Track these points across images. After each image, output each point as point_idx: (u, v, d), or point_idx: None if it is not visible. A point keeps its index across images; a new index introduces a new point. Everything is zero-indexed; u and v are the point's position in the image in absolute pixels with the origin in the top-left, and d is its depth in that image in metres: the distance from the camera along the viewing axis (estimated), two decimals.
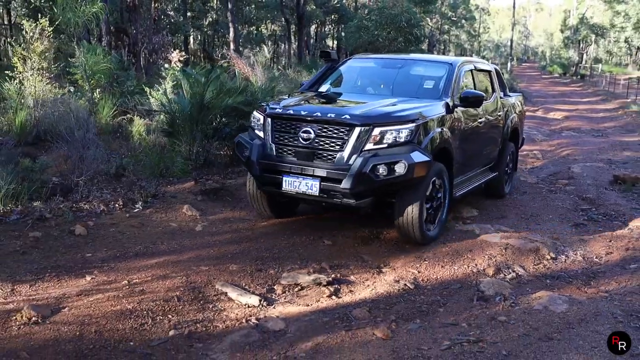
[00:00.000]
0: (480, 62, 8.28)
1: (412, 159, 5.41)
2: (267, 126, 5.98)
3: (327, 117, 5.64)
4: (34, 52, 9.60)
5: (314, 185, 5.58)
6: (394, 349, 3.89)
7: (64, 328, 4.03)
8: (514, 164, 8.98)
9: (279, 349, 3.93)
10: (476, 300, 4.77)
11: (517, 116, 8.85)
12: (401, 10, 18.63)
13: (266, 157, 5.88)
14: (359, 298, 4.75)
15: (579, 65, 54.39)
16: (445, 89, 6.61)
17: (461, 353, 3.80)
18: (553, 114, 23.09)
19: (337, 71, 7.69)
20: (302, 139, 5.70)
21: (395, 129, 5.56)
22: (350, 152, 5.50)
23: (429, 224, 6.04)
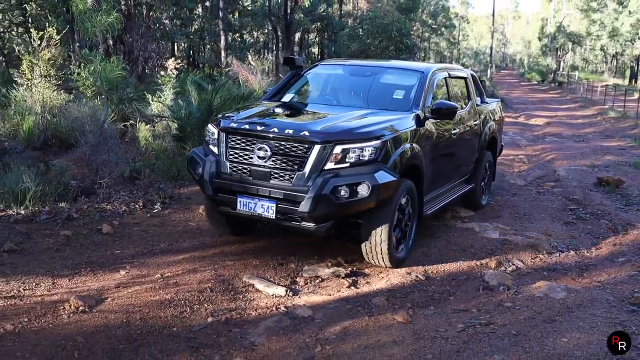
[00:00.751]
0: (454, 69, 7.84)
1: (377, 180, 5.00)
2: (222, 142, 5.52)
3: (285, 133, 5.17)
4: (42, 60, 9.90)
5: (270, 208, 5.19)
6: (414, 331, 4.31)
7: (111, 316, 4.39)
8: (491, 174, 8.73)
9: (310, 332, 4.33)
10: (482, 290, 5.21)
11: (495, 124, 8.54)
12: (392, 20, 19.19)
13: (220, 175, 5.45)
14: (376, 288, 5.16)
15: (557, 72, 55.51)
16: (416, 99, 6.18)
17: (475, 334, 4.23)
18: (534, 120, 23.75)
19: (303, 79, 7.19)
20: (257, 156, 5.26)
21: (359, 147, 5.11)
22: (310, 172, 5.07)
23: (398, 244, 5.65)
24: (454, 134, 6.76)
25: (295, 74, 7.11)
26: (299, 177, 5.11)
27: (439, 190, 6.81)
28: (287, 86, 6.99)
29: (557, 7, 62.31)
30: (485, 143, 8.00)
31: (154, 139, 9.99)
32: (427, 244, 6.32)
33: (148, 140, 9.87)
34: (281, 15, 25.97)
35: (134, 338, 4.12)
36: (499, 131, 8.93)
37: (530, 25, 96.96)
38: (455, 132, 6.77)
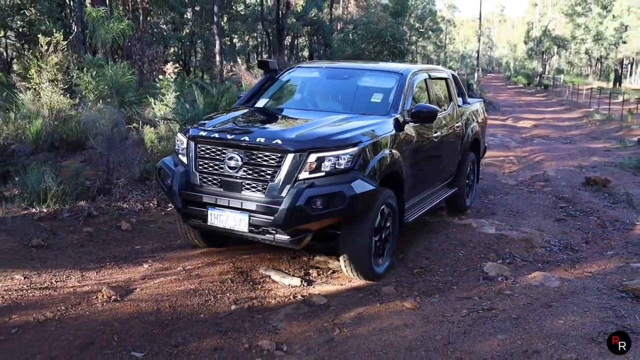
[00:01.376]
0: (434, 70, 7.54)
1: (354, 190, 4.79)
2: (191, 151, 5.30)
3: (256, 142, 4.95)
4: (49, 64, 10.19)
5: (243, 220, 4.96)
6: (423, 315, 4.69)
7: (142, 304, 4.73)
8: (475, 175, 8.67)
9: (327, 317, 4.70)
10: (482, 280, 5.60)
11: (477, 125, 8.44)
12: (386, 25, 19.68)
13: (189, 187, 5.23)
14: (384, 279, 5.53)
15: (543, 75, 56.32)
16: (394, 103, 5.97)
17: (479, 318, 4.62)
18: (522, 123, 24.28)
19: (278, 82, 6.94)
20: (228, 166, 5.05)
21: (334, 155, 4.88)
22: (283, 182, 4.85)
23: (378, 257, 5.45)
24: (436, 137, 6.61)
25: (269, 78, 6.89)
26: (272, 188, 4.88)
27: (421, 195, 6.67)
28: (261, 91, 6.80)
29: (542, 11, 63.23)
30: (468, 145, 7.91)
31: (159, 141, 10.31)
32: (428, 239, 6.70)
33: (154, 143, 10.18)
34: (273, 19, 26.35)
35: (166, 323, 4.46)
36: (482, 132, 8.85)
37: (516, 29, 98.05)
38: (436, 136, 6.62)
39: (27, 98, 10.77)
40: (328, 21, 32.37)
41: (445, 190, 7.50)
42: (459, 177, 7.77)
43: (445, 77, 7.63)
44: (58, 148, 10.27)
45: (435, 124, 6.57)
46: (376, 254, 5.39)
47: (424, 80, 6.76)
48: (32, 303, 4.69)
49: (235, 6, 24.48)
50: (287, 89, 6.99)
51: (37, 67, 10.16)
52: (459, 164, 7.73)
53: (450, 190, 7.55)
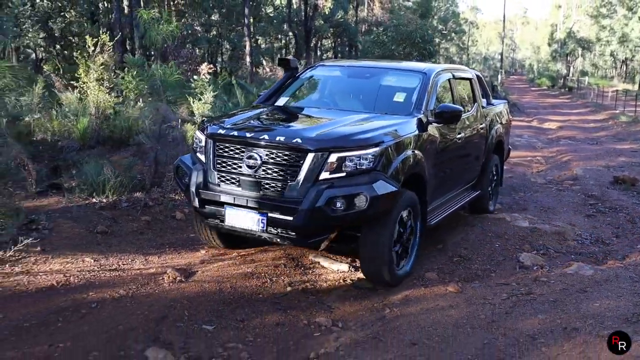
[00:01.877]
0: (459, 70, 7.37)
1: (375, 191, 4.68)
2: (209, 149, 5.19)
3: (276, 140, 4.84)
4: (96, 64, 10.68)
5: (261, 221, 4.85)
6: (465, 298, 5.04)
7: (205, 285, 5.14)
8: (499, 178, 8.49)
9: (376, 299, 5.07)
10: (519, 269, 5.92)
11: (502, 126, 8.28)
12: (416, 27, 20.02)
13: (207, 186, 5.14)
14: (426, 266, 5.88)
15: (567, 78, 56.12)
16: (418, 102, 5.84)
17: (518, 301, 4.95)
18: (548, 124, 24.42)
19: (299, 81, 6.82)
20: (247, 165, 4.93)
21: (356, 155, 4.76)
22: (303, 183, 4.73)
23: (400, 260, 5.35)
24: (459, 139, 6.48)
25: (290, 76, 6.79)
26: (292, 188, 4.76)
27: (444, 197, 6.56)
28: (281, 89, 6.68)
29: (566, 13, 62.99)
30: (492, 147, 7.75)
31: None
32: (464, 231, 7.03)
33: None
34: (300, 21, 26.78)
35: (229, 302, 4.87)
36: (506, 134, 8.68)
37: (539, 31, 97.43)
38: (460, 137, 6.49)
39: (74, 97, 11.27)
40: (353, 23, 32.74)
41: (469, 193, 7.36)
42: (483, 180, 7.64)
43: (470, 77, 7.48)
44: (103, 144, 10.75)
45: (459, 125, 6.43)
46: (397, 257, 5.25)
47: (447, 80, 6.63)
48: (105, 282, 5.13)
49: (264, 8, 25.00)
50: (307, 88, 6.90)
51: (85, 67, 10.64)
52: (482, 165, 7.59)
53: (474, 193, 7.42)
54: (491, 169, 7.88)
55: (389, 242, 5.02)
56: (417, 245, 5.64)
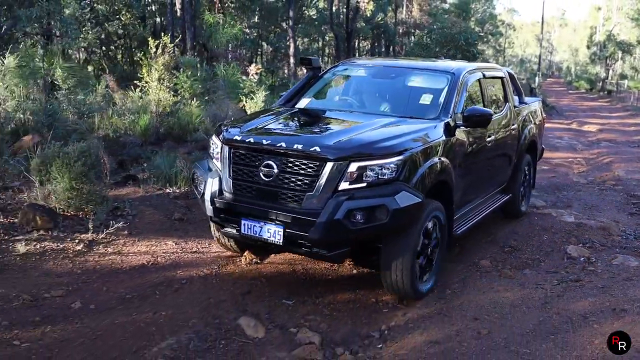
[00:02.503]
0: (489, 68, 7.06)
1: (398, 203, 4.43)
2: (225, 156, 4.98)
3: (294, 148, 4.60)
4: (158, 64, 11.33)
5: (278, 233, 4.62)
6: (519, 283, 5.47)
7: (280, 266, 5.69)
8: (531, 180, 8.26)
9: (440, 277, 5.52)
10: (566, 259, 6.31)
11: (535, 126, 8.01)
12: (460, 30, 20.40)
13: (222, 194, 4.94)
14: (479, 255, 6.31)
15: (606, 81, 55.54)
16: (445, 105, 5.58)
17: (568, 287, 5.36)
18: (587, 127, 24.45)
19: (322, 81, 6.61)
20: (263, 174, 4.70)
21: (377, 164, 4.53)
22: (321, 193, 4.50)
23: (422, 273, 5.10)
24: (489, 142, 6.23)
25: (312, 76, 6.58)
26: (309, 199, 4.53)
27: (472, 204, 6.34)
28: (303, 90, 6.48)
29: (606, 15, 62.24)
30: (524, 147, 7.53)
31: None
32: (513, 225, 7.44)
33: None
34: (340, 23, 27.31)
35: (303, 281, 5.42)
36: (539, 134, 8.42)
37: (578, 33, 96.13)
38: (490, 140, 6.24)
39: (136, 95, 11.96)
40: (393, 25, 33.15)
41: (499, 197, 7.14)
42: (514, 182, 7.39)
43: (501, 75, 7.18)
44: (163, 140, 11.39)
45: (490, 128, 6.12)
46: (420, 270, 5.04)
47: (477, 80, 6.35)
48: (189, 263, 5.70)
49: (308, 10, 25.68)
50: (330, 89, 6.70)
51: (147, 67, 11.30)
52: (514, 167, 7.35)
53: (504, 197, 7.20)
54: (523, 171, 7.63)
55: (411, 254, 4.79)
56: (443, 256, 5.41)
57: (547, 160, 13.68)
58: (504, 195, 7.22)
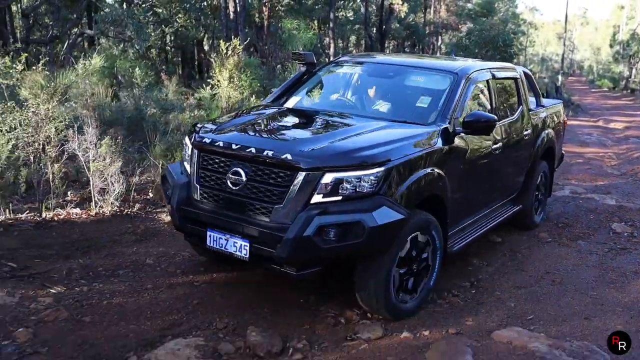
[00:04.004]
0: (501, 68, 6.45)
1: (375, 220, 3.98)
2: (194, 160, 4.57)
3: (263, 155, 4.15)
4: (230, 64, 12.53)
5: (244, 247, 4.18)
6: (576, 250, 6.58)
7: None
8: (547, 188, 7.73)
9: (505, 248, 6.62)
10: (612, 234, 7.38)
11: (553, 130, 7.50)
12: (498, 32, 21.47)
13: (189, 202, 4.53)
14: (538, 230, 7.40)
15: (629, 79, 56.06)
16: (444, 109, 5.08)
17: (617, 253, 6.46)
18: (613, 125, 25.31)
19: (315, 78, 6.17)
20: (230, 182, 4.29)
21: (355, 176, 4.05)
22: (291, 206, 4.03)
23: (406, 294, 4.62)
24: (496, 149, 5.73)
25: (305, 73, 6.16)
26: (278, 212, 4.08)
27: (474, 217, 5.83)
28: (294, 87, 6.05)
29: (629, 14, 62.67)
30: (539, 153, 7.04)
31: None
32: (561, 207, 8.52)
33: None
34: (374, 23, 28.45)
35: None
36: (558, 138, 7.85)
37: (600, 31, 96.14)
38: (497, 147, 5.73)
39: (206, 92, 13.19)
40: (422, 25, 34.24)
41: (508, 208, 6.68)
42: (526, 192, 6.91)
43: (515, 76, 6.68)
44: None
45: (496, 134, 5.66)
46: (402, 290, 4.58)
47: (485, 82, 5.88)
48: None
49: (345, 12, 26.90)
50: (323, 87, 6.29)
51: (219, 67, 12.51)
52: (526, 175, 6.88)
53: (514, 208, 6.73)
54: (537, 179, 7.11)
55: (387, 273, 4.34)
56: (435, 275, 4.85)
57: (581, 154, 14.78)
58: (513, 207, 6.73)
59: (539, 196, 7.37)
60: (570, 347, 3.95)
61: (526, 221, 7.16)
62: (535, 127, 6.93)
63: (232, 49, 12.59)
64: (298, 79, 6.16)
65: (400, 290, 4.53)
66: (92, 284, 4.98)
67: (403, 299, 4.59)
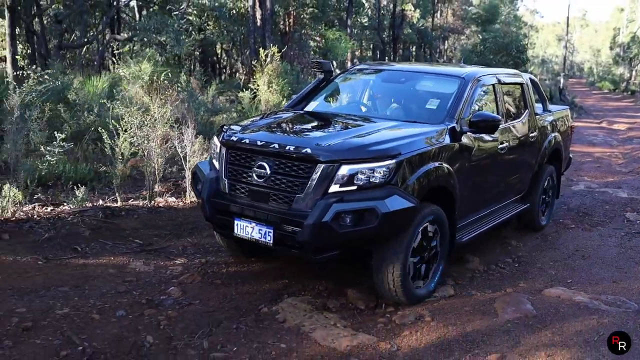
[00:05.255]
0: (507, 74, 6.98)
1: (387, 207, 4.41)
2: (222, 156, 5.08)
3: (286, 150, 4.63)
4: (269, 70, 13.63)
5: (268, 234, 4.66)
6: (598, 234, 7.69)
7: None
8: (555, 190, 8.07)
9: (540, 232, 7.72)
10: (626, 222, 8.47)
11: (560, 134, 7.87)
12: (511, 40, 22.68)
13: (218, 195, 5.02)
14: (560, 218, 8.50)
15: (630, 81, 57.27)
16: (451, 110, 5.54)
17: (632, 236, 7.57)
18: (617, 126, 26.43)
19: (332, 84, 6.65)
20: (256, 175, 4.78)
21: (369, 167, 4.50)
22: (311, 195, 4.51)
23: (419, 280, 5.08)
24: (502, 149, 6.15)
25: (323, 80, 6.62)
26: (299, 201, 4.56)
27: (482, 212, 6.24)
28: (312, 93, 6.52)
29: (629, 17, 63.90)
30: (545, 157, 7.39)
31: None
32: (579, 199, 9.64)
33: None
34: (386, 28, 29.59)
35: None
36: (565, 143, 8.21)
37: (599, 34, 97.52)
38: (503, 147, 6.16)
39: (246, 96, 14.28)
40: (430, 30, 35.45)
41: (515, 206, 7.06)
42: (533, 193, 7.28)
43: (520, 82, 7.13)
44: None
45: (502, 135, 6.14)
46: (416, 277, 5.03)
47: (492, 86, 6.31)
48: None
49: (360, 18, 28.05)
50: (340, 92, 6.76)
51: (260, 73, 13.62)
52: (533, 177, 7.24)
53: (521, 206, 7.12)
54: (544, 181, 7.45)
55: (403, 259, 4.75)
56: (443, 263, 5.36)
57: (590, 154, 15.94)
58: (520, 205, 7.13)
59: (546, 199, 7.72)
60: (606, 299, 5.07)
61: (533, 222, 7.55)
62: (542, 130, 7.33)
63: (270, 56, 13.73)
64: (316, 86, 6.63)
65: (414, 278, 5.00)
66: (206, 257, 6.08)
67: (417, 284, 5.08)
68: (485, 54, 23.55)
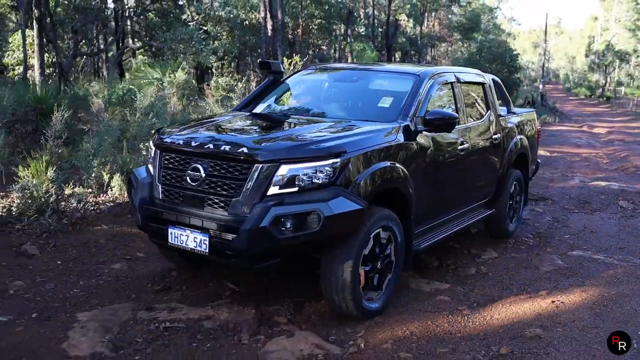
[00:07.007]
0: (466, 73, 6.72)
1: (331, 209, 4.07)
2: (156, 160, 4.74)
3: (221, 150, 4.34)
4: None
5: (203, 242, 4.30)
6: (598, 217, 9.15)
7: None
8: (523, 195, 7.83)
9: (550, 214, 9.23)
10: (620, 208, 9.98)
11: (526, 138, 7.61)
12: (505, 49, 24.43)
13: (151, 201, 4.67)
14: (564, 204, 10.02)
15: (605, 88, 59.73)
16: (405, 108, 5.22)
17: (627, 218, 9.06)
18: (597, 130, 28.29)
19: (283, 86, 6.39)
20: (190, 178, 4.44)
21: (311, 167, 4.17)
22: (248, 198, 4.17)
23: (372, 291, 4.70)
24: (462, 150, 5.85)
25: (272, 81, 6.33)
26: (236, 205, 4.20)
27: (443, 217, 5.92)
28: (261, 95, 6.24)
29: (604, 25, 66.53)
30: (510, 160, 7.12)
31: None
32: (578, 191, 11.11)
33: None
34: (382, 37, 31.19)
35: None
36: (531, 146, 7.94)
37: (574, 41, 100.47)
38: (463, 148, 5.86)
39: None
40: (419, 38, 37.21)
41: (480, 211, 6.79)
42: (499, 197, 7.01)
43: (482, 82, 6.89)
44: None
45: (461, 134, 5.89)
46: (367, 287, 4.64)
47: (450, 84, 6.04)
48: None
49: (357, 27, 29.56)
50: (290, 93, 6.50)
51: None
52: (499, 181, 6.97)
53: (487, 211, 6.86)
54: (510, 186, 7.19)
55: (354, 268, 4.37)
56: (397, 273, 4.95)
57: (577, 154, 17.60)
58: (486, 210, 6.89)
59: (513, 204, 7.49)
60: (618, 257, 6.61)
61: (500, 227, 7.27)
62: (507, 132, 7.09)
63: (293, 64, 15.10)
64: (265, 87, 6.32)
65: (365, 288, 4.60)
66: None
67: (369, 296, 4.68)
68: (482, 63, 25.21)
